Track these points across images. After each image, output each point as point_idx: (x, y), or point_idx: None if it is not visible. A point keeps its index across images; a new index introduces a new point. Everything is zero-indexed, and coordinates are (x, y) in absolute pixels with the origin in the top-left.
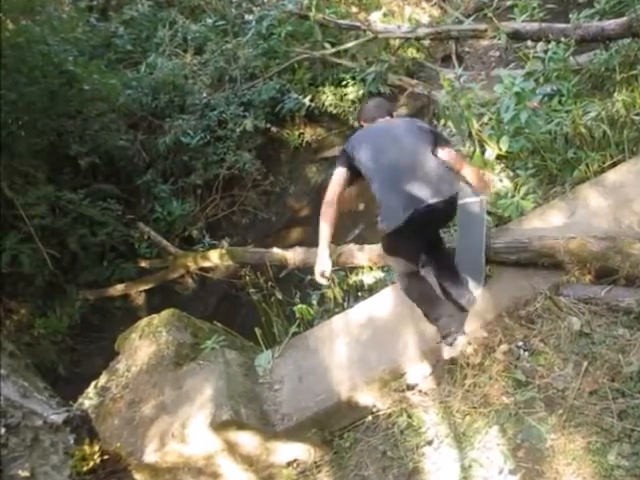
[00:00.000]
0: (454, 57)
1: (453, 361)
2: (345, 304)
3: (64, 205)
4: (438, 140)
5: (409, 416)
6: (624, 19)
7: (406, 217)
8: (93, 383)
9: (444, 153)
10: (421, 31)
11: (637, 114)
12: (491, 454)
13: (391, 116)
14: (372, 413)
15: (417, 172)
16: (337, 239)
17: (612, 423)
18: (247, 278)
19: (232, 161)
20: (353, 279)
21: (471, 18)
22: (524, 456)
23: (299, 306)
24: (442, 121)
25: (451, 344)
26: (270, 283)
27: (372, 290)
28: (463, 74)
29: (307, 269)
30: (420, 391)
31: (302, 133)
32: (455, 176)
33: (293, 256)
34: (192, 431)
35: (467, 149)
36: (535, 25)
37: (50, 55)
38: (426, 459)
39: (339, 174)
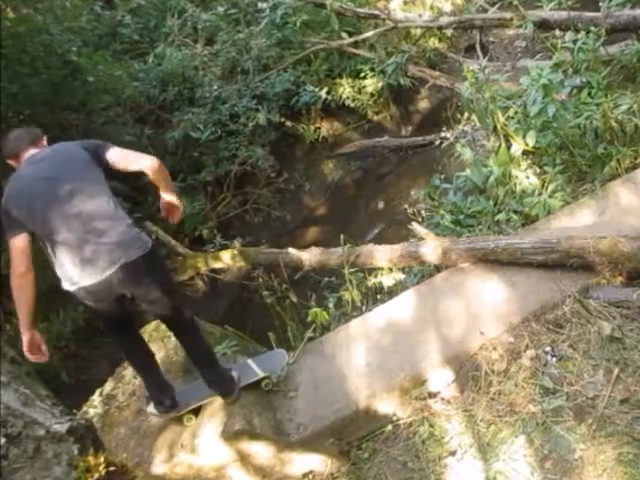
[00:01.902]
0: (478, 47)
1: (477, 368)
2: (363, 307)
3: None
4: (100, 154)
5: (431, 425)
6: None
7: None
8: (98, 391)
9: (114, 157)
10: (443, 20)
11: None
12: (517, 465)
13: (36, 145)
14: (392, 422)
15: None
16: (356, 239)
17: None
18: (260, 280)
19: (244, 157)
20: (372, 281)
21: (496, 6)
22: (552, 467)
23: (315, 309)
24: (465, 115)
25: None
26: (284, 285)
27: (392, 293)
28: (488, 65)
29: (323, 271)
30: (442, 399)
31: (318, 127)
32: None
33: (309, 257)
34: (203, 441)
35: (492, 144)
36: (563, 14)
37: (53, 45)
38: (449, 470)
39: (21, 244)
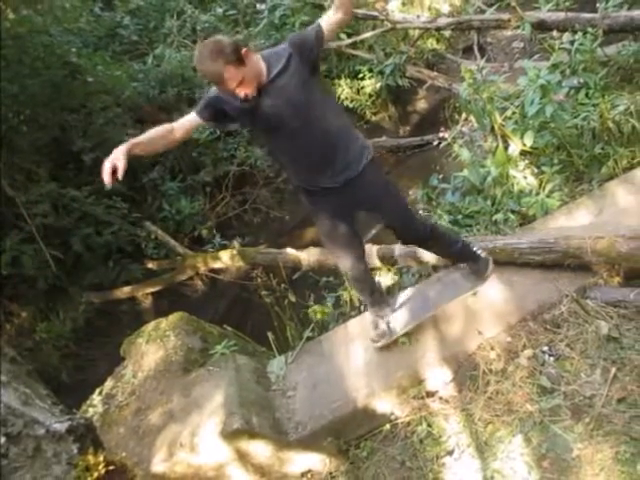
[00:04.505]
0: (476, 48)
1: (475, 367)
2: (362, 307)
3: (67, 203)
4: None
5: (429, 424)
6: None
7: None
8: (98, 390)
9: (325, 37)
10: (441, 21)
11: None
12: (515, 464)
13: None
14: (390, 421)
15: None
16: None
17: None
18: (259, 280)
19: (243, 157)
20: None
21: (494, 7)
22: (549, 466)
23: (313, 308)
24: (463, 115)
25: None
26: (283, 285)
27: (390, 292)
28: (485, 66)
29: (322, 271)
30: (440, 398)
31: None
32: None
33: (307, 257)
34: (202, 440)
35: (489, 144)
36: (561, 15)
37: (53, 46)
38: (446, 470)
39: (193, 125)
